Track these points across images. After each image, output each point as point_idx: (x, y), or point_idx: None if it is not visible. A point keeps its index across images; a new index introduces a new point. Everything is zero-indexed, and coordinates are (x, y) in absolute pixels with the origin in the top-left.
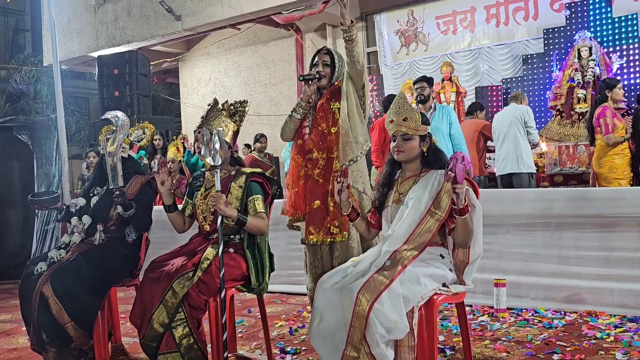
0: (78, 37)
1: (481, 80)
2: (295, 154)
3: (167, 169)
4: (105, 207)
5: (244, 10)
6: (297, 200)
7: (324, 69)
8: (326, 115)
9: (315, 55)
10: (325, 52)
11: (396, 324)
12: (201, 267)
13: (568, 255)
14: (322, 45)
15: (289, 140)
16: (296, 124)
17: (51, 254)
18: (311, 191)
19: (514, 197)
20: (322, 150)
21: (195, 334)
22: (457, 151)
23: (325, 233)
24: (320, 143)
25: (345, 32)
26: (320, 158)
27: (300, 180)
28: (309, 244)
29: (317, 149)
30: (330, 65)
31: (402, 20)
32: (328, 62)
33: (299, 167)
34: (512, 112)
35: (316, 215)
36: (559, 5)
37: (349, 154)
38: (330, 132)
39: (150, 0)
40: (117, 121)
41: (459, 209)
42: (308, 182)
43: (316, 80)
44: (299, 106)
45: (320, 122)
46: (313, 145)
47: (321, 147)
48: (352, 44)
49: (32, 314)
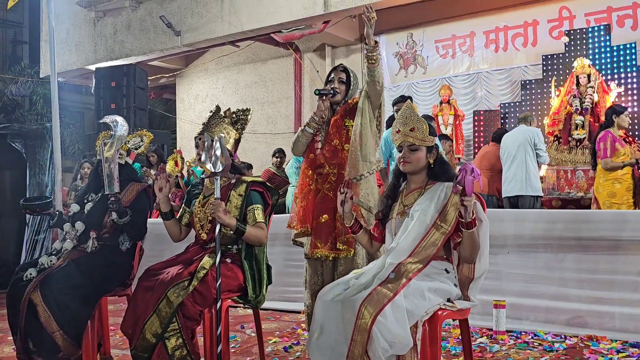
0: (76, 49)
1: (479, 105)
2: (306, 167)
3: (166, 175)
4: (99, 214)
5: (244, 28)
6: (305, 213)
7: (339, 85)
8: (339, 131)
9: (331, 72)
10: (341, 69)
11: (399, 338)
12: (197, 276)
13: (569, 278)
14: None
15: (300, 154)
16: (309, 139)
17: (42, 260)
18: (320, 205)
19: (515, 217)
20: (334, 165)
21: (188, 345)
22: (467, 163)
23: (330, 248)
24: (332, 158)
25: (369, 52)
26: (332, 173)
27: (309, 194)
28: (312, 258)
29: (328, 164)
30: (346, 83)
31: (402, 42)
32: (344, 79)
33: (309, 181)
34: (522, 133)
35: (323, 229)
36: (558, 32)
37: (358, 170)
38: (343, 149)
39: (150, 14)
40: (116, 125)
41: (466, 222)
42: (317, 196)
43: (330, 95)
44: (312, 121)
45: (333, 138)
46: (325, 160)
47: (333, 162)
48: (374, 64)
49: (20, 321)
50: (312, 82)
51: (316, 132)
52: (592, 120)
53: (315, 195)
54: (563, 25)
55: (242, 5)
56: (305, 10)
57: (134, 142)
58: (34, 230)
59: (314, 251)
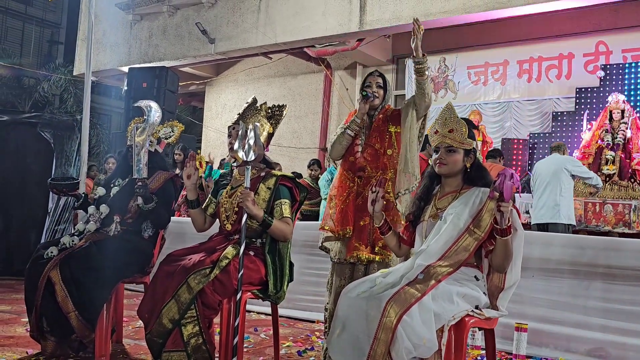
0: (111, 50)
1: (507, 134)
2: (346, 169)
3: (195, 163)
4: (124, 199)
5: (277, 40)
6: (345, 216)
7: (377, 90)
8: (382, 135)
9: (367, 77)
10: (377, 74)
11: (425, 341)
12: (219, 265)
13: (595, 307)
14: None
15: (338, 157)
16: (349, 141)
17: (64, 239)
18: (360, 207)
19: (543, 240)
20: (376, 169)
21: (205, 334)
22: (506, 168)
23: (370, 251)
24: (373, 162)
25: (418, 64)
26: (373, 176)
27: (350, 196)
28: (347, 261)
29: (370, 167)
30: (383, 88)
31: (434, 66)
32: (381, 84)
33: (349, 183)
34: (557, 161)
35: (364, 232)
36: (593, 66)
37: (405, 184)
38: (385, 153)
39: (187, 21)
40: (150, 110)
41: (501, 229)
42: (358, 199)
43: (371, 99)
44: (353, 123)
45: (375, 142)
46: (366, 163)
47: (375, 165)
48: (423, 77)
49: (36, 299)
50: (340, 100)
51: (355, 135)
52: (623, 157)
53: (356, 198)
54: (599, 59)
55: (277, 17)
56: (341, 27)
57: (164, 132)
58: (55, 220)
59: (353, 252)
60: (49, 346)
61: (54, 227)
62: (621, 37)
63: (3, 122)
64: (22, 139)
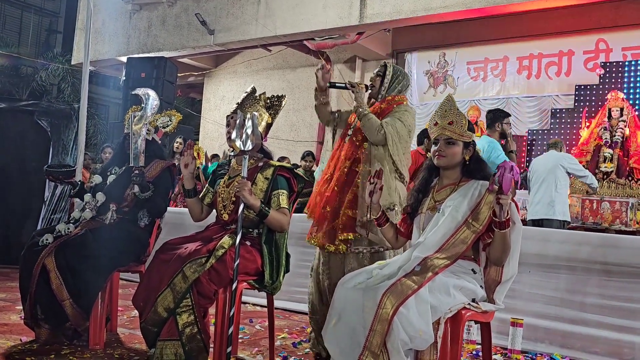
0: (109, 40)
1: None
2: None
3: (193, 151)
4: (121, 187)
5: (277, 32)
6: (314, 201)
7: (375, 78)
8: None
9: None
10: (382, 64)
11: (421, 332)
12: (215, 254)
13: (591, 303)
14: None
15: (326, 121)
16: (322, 107)
17: (59, 227)
18: (328, 196)
19: (540, 236)
20: (349, 159)
21: (200, 323)
22: (506, 160)
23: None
24: (349, 152)
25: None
26: (345, 166)
27: (325, 183)
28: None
29: (345, 156)
30: (382, 76)
31: (433, 61)
32: (381, 72)
33: (330, 171)
34: (553, 158)
35: (323, 219)
36: (592, 64)
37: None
38: (362, 146)
39: (186, 11)
40: (147, 98)
41: (500, 222)
42: (327, 187)
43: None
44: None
45: (358, 133)
46: (344, 152)
47: (349, 155)
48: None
49: (31, 286)
50: (339, 93)
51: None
52: (621, 154)
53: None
54: (599, 57)
55: (277, 9)
56: (341, 20)
57: (162, 121)
58: (51, 209)
59: (310, 237)
60: (43, 334)
61: (50, 216)
62: (621, 35)
63: (0, 110)
64: (20, 127)
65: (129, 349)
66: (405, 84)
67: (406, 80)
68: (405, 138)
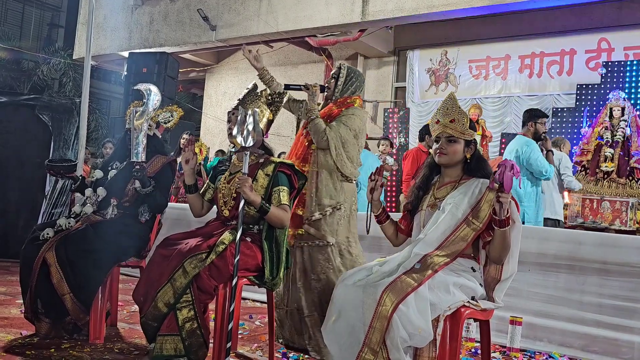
0: (111, 34)
1: (507, 128)
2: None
3: (194, 147)
4: (122, 182)
5: (279, 28)
6: None
7: (331, 81)
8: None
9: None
10: (337, 66)
11: (420, 330)
12: (216, 250)
13: (590, 302)
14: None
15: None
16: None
17: (60, 221)
18: None
19: (540, 235)
20: (299, 158)
21: (200, 318)
22: (507, 159)
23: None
24: (300, 151)
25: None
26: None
27: None
28: None
29: (296, 156)
30: (336, 78)
31: (435, 59)
32: (335, 75)
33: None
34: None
35: None
36: (594, 63)
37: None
38: (308, 146)
39: (188, 7)
40: (149, 94)
41: (500, 220)
42: None
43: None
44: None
45: (309, 135)
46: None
47: (299, 155)
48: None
49: (31, 280)
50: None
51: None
52: (621, 154)
53: None
54: (601, 56)
55: (279, 5)
56: (343, 17)
57: (164, 116)
58: (52, 203)
59: None
60: (44, 328)
61: (51, 210)
62: (623, 34)
63: (2, 104)
64: (21, 121)
65: (129, 343)
66: (358, 85)
67: (359, 81)
68: (351, 142)
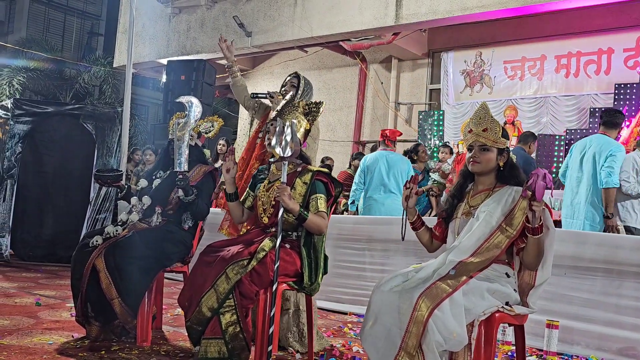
0: (150, 42)
1: (543, 129)
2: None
3: (234, 157)
4: (166, 191)
5: (313, 34)
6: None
7: (290, 88)
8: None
9: (286, 78)
10: (294, 75)
11: (455, 334)
12: (257, 257)
13: (627, 306)
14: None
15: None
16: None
17: (108, 229)
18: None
19: (577, 239)
20: (259, 160)
21: (242, 322)
22: (539, 168)
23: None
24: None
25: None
26: (255, 167)
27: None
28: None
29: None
30: (297, 87)
31: (470, 60)
32: (295, 83)
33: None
34: None
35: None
36: (633, 62)
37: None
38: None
39: (224, 14)
40: (191, 106)
41: (532, 227)
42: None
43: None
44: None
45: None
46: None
47: (259, 157)
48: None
49: (82, 285)
50: (375, 93)
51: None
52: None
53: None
54: (639, 55)
55: (314, 11)
56: (376, 21)
57: (205, 127)
58: (96, 209)
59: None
60: (94, 331)
61: (95, 216)
62: None
63: (48, 113)
64: (65, 130)
65: (174, 345)
66: (311, 94)
67: (312, 91)
68: (312, 146)
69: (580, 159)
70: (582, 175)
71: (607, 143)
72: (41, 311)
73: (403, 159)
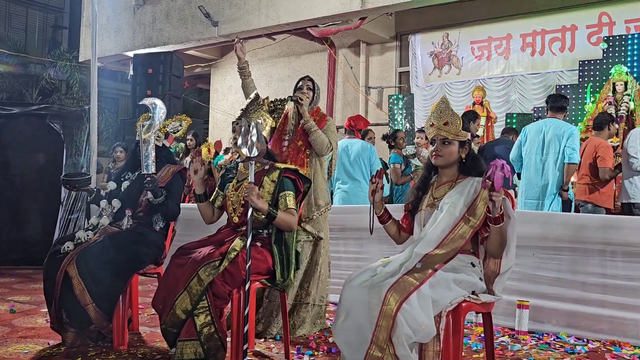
0: (115, 35)
1: (512, 108)
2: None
3: (201, 158)
4: (135, 193)
5: (280, 21)
6: None
7: (307, 92)
8: (304, 136)
9: (299, 81)
10: (308, 79)
11: (423, 326)
12: (228, 257)
13: (594, 282)
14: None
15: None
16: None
17: (79, 234)
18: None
19: (543, 219)
20: (295, 163)
21: (216, 323)
22: (498, 159)
23: None
24: (294, 157)
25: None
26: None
27: None
28: None
29: (291, 161)
30: (312, 90)
31: (437, 42)
32: (311, 86)
33: None
34: None
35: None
36: (596, 38)
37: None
38: (304, 151)
39: (189, 4)
40: (154, 108)
41: (493, 217)
42: None
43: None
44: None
45: (299, 139)
46: (289, 157)
47: (294, 160)
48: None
49: (55, 292)
50: (345, 78)
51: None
52: (626, 129)
53: None
54: (602, 31)
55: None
56: (343, 6)
57: (172, 126)
58: (68, 210)
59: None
60: (69, 337)
61: (67, 217)
62: (624, 7)
63: (14, 115)
64: (32, 131)
65: (151, 347)
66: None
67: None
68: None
69: (542, 142)
70: (548, 157)
71: (563, 125)
72: (16, 319)
73: (364, 145)
